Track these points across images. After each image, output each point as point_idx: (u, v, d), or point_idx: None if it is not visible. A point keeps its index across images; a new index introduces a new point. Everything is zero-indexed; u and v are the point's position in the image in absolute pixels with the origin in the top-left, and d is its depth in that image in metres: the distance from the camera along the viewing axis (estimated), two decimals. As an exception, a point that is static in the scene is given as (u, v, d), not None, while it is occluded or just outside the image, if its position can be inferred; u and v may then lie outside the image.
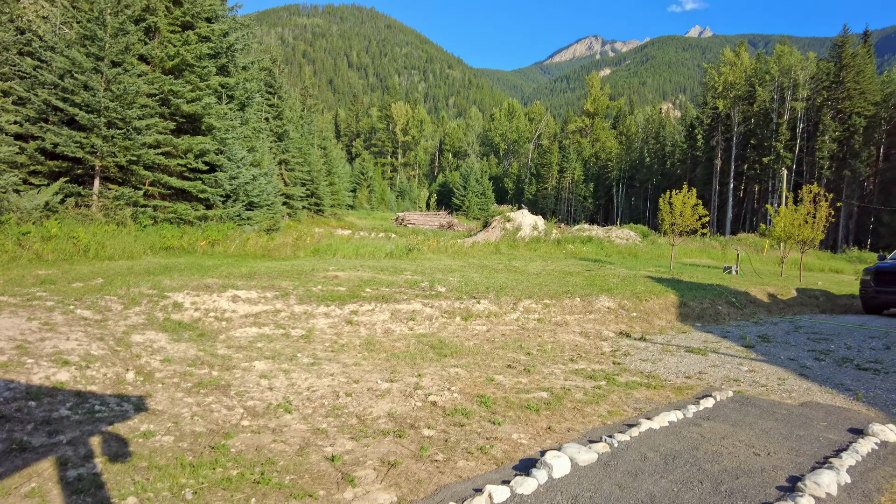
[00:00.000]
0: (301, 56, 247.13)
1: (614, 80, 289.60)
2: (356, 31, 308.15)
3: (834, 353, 7.83)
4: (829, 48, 58.51)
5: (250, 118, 20.90)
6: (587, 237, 26.46)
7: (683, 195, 17.61)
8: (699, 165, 68.69)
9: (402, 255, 15.95)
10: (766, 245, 31.61)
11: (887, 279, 12.77)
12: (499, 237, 24.82)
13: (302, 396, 4.79)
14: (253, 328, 7.07)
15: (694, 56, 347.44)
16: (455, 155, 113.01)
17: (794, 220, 17.79)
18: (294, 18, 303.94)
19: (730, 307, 11.80)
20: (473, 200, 73.81)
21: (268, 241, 15.32)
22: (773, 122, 58.87)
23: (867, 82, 54.14)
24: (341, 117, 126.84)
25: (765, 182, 60.38)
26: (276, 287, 8.40)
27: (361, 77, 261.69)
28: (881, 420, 4.85)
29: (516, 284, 10.64)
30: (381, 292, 8.81)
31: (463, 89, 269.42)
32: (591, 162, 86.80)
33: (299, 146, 35.56)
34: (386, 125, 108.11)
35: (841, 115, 54.29)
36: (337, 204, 46.19)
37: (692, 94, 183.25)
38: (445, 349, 6.73)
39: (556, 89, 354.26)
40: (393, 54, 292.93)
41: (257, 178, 18.95)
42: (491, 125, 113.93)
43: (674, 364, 6.76)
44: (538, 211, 64.37)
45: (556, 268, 14.91)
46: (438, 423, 4.34)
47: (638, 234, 30.01)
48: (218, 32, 17.89)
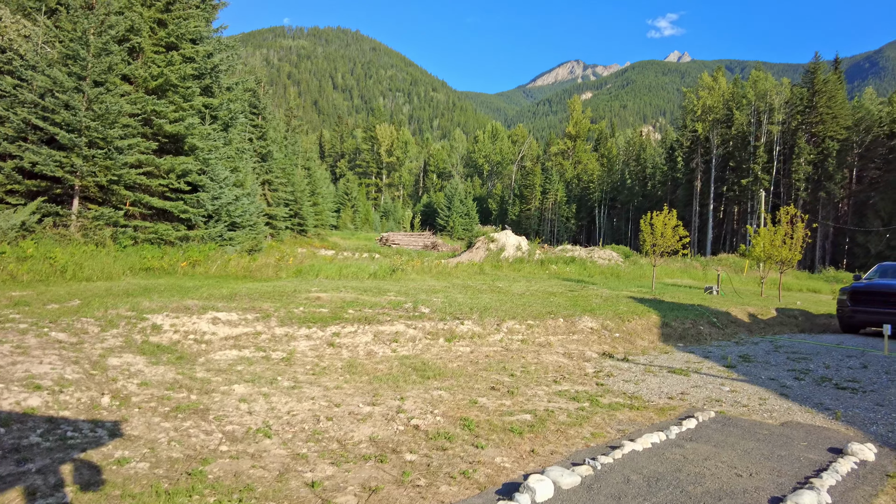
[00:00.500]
0: (286, 77, 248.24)
1: (596, 104, 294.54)
2: (341, 53, 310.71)
3: (813, 372, 7.92)
4: (801, 74, 60.30)
5: (234, 139, 20.86)
6: (570, 258, 26.64)
7: (664, 216, 17.85)
8: (679, 187, 69.87)
9: (386, 276, 15.90)
10: (746, 265, 32.06)
11: (863, 299, 13.00)
12: (483, 257, 24.88)
13: (282, 421, 4.71)
14: (233, 351, 6.96)
15: (673, 80, 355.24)
16: (439, 176, 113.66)
17: (773, 241, 18.11)
18: (279, 40, 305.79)
19: (711, 327, 11.90)
20: (458, 221, 74.10)
21: (250, 261, 15.19)
22: (750, 144, 60.24)
23: (839, 107, 55.76)
24: (326, 138, 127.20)
25: (744, 203, 61.53)
26: (257, 309, 8.31)
27: (346, 98, 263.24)
28: (860, 439, 4.89)
29: (500, 305, 10.64)
30: (364, 314, 8.76)
31: (447, 111, 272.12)
32: (574, 183, 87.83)
33: (283, 166, 35.52)
34: (370, 146, 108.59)
35: (815, 139, 55.74)
36: (320, 224, 46.06)
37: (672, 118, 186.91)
38: (428, 371, 6.68)
39: (539, 112, 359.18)
40: (378, 76, 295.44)
41: (240, 198, 18.86)
42: (475, 147, 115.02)
43: (656, 385, 6.78)
44: (522, 231, 64.83)
45: (540, 288, 14.96)
46: (421, 448, 4.29)
47: (620, 254, 30.30)
48: (202, 53, 17.92)
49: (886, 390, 6.92)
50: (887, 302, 12.59)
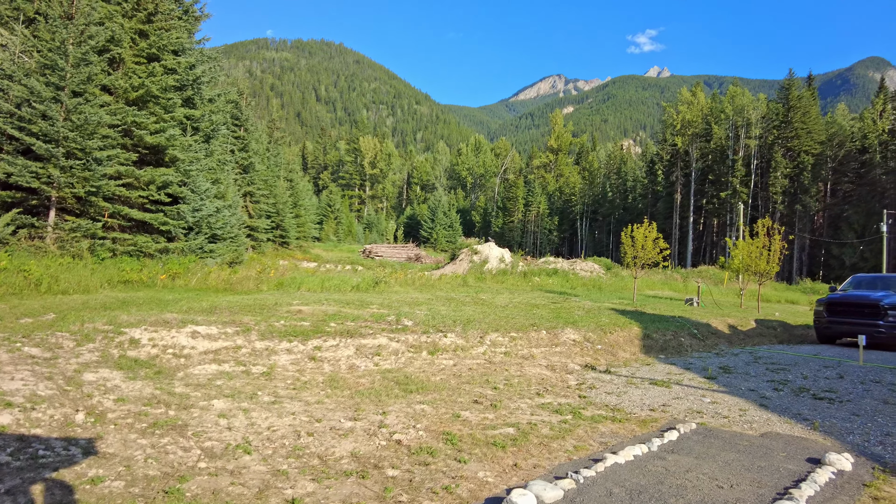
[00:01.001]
0: (269, 89, 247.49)
1: (577, 118, 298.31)
2: (325, 65, 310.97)
3: (791, 383, 8.02)
4: (777, 90, 61.75)
5: (215, 150, 20.72)
6: (553, 269, 26.78)
7: (645, 229, 18.07)
8: (660, 200, 70.78)
9: (369, 288, 15.83)
10: (726, 277, 32.50)
11: (839, 310, 13.25)
12: (466, 269, 24.90)
13: (262, 436, 4.64)
14: (212, 365, 6.86)
15: (653, 95, 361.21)
16: (423, 188, 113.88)
17: (751, 253, 18.40)
18: (262, 52, 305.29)
19: (692, 339, 12.02)
20: (441, 233, 74.19)
21: (230, 274, 15.03)
22: (729, 158, 61.34)
23: (813, 123, 57.13)
24: (309, 150, 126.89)
25: (723, 216, 62.52)
26: (237, 322, 8.21)
27: (330, 111, 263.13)
28: (837, 449, 4.96)
29: (483, 317, 10.64)
30: (347, 327, 8.69)
31: (430, 124, 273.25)
32: (556, 196, 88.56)
33: (265, 178, 35.33)
34: (354, 158, 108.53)
35: (791, 153, 56.98)
36: (303, 236, 45.80)
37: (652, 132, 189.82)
38: (411, 385, 6.64)
39: (522, 126, 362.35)
40: (361, 89, 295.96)
41: (221, 210, 18.69)
42: (458, 159, 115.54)
43: (638, 397, 6.81)
44: (505, 243, 65.08)
45: (523, 300, 15.00)
46: (403, 463, 4.25)
47: (602, 266, 30.54)
48: (185, 65, 17.82)
49: (862, 400, 7.04)
50: (861, 313, 12.84)
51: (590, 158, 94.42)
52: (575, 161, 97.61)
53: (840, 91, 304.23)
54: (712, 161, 63.46)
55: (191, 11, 19.64)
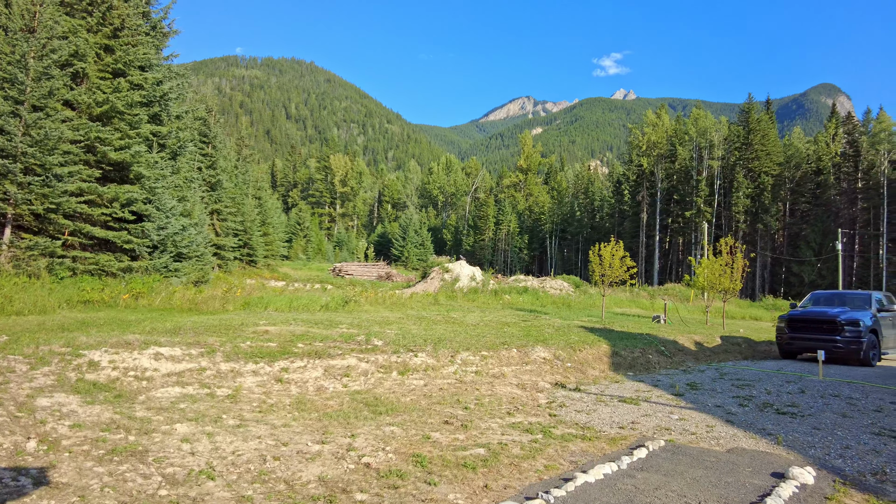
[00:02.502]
0: (238, 106, 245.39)
1: (546, 139, 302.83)
2: (295, 83, 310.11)
3: (756, 398, 8.18)
4: (738, 113, 63.99)
5: (182, 167, 20.37)
6: (523, 288, 26.94)
7: (612, 247, 18.36)
8: (626, 219, 72.14)
9: (339, 308, 15.65)
10: (692, 295, 33.17)
11: (799, 326, 13.63)
12: (437, 288, 24.87)
13: (226, 461, 4.50)
14: (176, 388, 6.66)
15: (619, 117, 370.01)
16: (394, 206, 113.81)
17: (715, 271, 18.84)
18: (232, 69, 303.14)
19: (659, 356, 12.18)
20: (412, 251, 74.06)
21: (196, 293, 14.70)
22: (693, 178, 63.02)
23: (771, 145, 59.30)
24: (278, 167, 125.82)
25: (688, 235, 64.02)
26: (202, 343, 8.00)
27: (300, 129, 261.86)
28: (800, 463, 5.06)
29: (454, 336, 10.61)
30: (315, 347, 8.56)
31: (402, 143, 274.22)
32: (526, 215, 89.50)
33: (233, 196, 34.83)
34: (324, 176, 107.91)
35: (752, 174, 58.90)
36: (271, 254, 45.14)
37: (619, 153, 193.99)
38: (381, 406, 6.55)
39: (492, 146, 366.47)
40: (332, 107, 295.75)
41: (187, 228, 18.32)
42: (429, 178, 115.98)
43: (608, 414, 6.85)
44: (476, 262, 65.33)
45: (494, 318, 15.02)
46: (372, 487, 4.17)
47: (571, 284, 30.85)
48: (151, 81, 17.56)
49: (822, 414, 7.21)
50: (820, 329, 13.23)
51: (558, 178, 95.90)
52: (544, 181, 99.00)
53: (795, 115, 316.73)
54: (677, 181, 65.12)
55: (159, 27, 19.42)
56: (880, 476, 4.81)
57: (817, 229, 54.28)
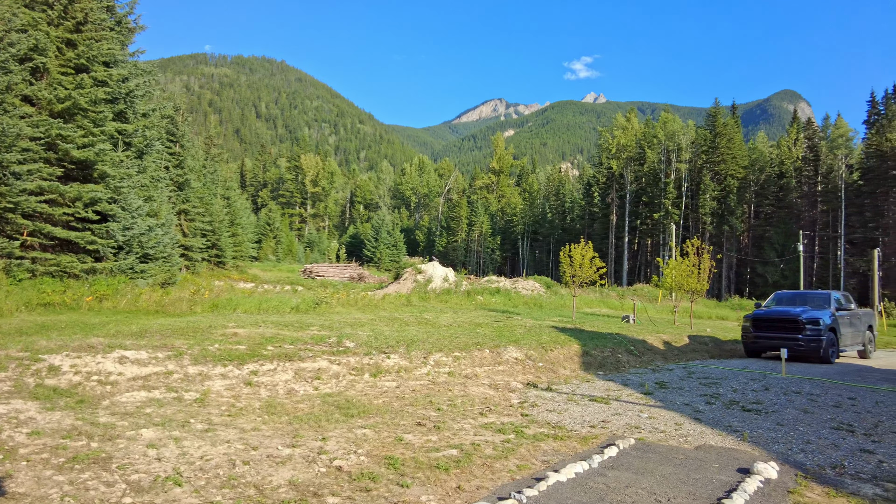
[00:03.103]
0: (207, 105, 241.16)
1: (518, 141, 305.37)
2: (266, 82, 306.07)
3: (722, 396, 8.37)
4: (704, 117, 65.49)
5: (149, 166, 19.88)
6: (496, 288, 27.06)
7: (582, 248, 18.58)
8: (596, 221, 73.17)
9: (309, 310, 15.47)
10: (660, 295, 33.81)
11: (763, 325, 14.01)
12: (410, 289, 24.80)
13: (194, 466, 4.41)
14: (141, 392, 6.50)
15: (590, 120, 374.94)
16: (366, 207, 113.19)
17: (683, 272, 19.21)
18: (201, 67, 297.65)
19: (629, 355, 12.37)
20: (385, 252, 73.72)
21: (162, 295, 14.37)
22: (661, 181, 64.25)
23: (737, 148, 60.86)
24: (248, 167, 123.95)
25: (656, 236, 65.23)
26: (168, 346, 7.83)
27: (270, 128, 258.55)
28: (764, 458, 5.19)
29: (427, 337, 10.59)
30: (285, 350, 8.45)
31: (374, 144, 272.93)
32: (498, 216, 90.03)
33: (201, 196, 34.17)
34: (295, 176, 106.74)
35: (718, 177, 60.34)
36: (240, 255, 44.41)
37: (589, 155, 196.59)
38: (353, 409, 6.50)
39: (464, 147, 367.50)
40: (303, 107, 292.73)
41: (153, 228, 17.89)
42: (402, 179, 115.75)
43: (579, 414, 6.92)
44: (449, 263, 65.35)
45: (467, 319, 15.05)
46: (343, 490, 4.13)
47: (542, 285, 31.11)
48: (116, 77, 17.10)
49: (785, 410, 7.42)
50: (783, 328, 13.63)
51: (530, 180, 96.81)
52: (516, 182, 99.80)
53: (759, 120, 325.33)
54: (646, 184, 66.31)
55: (124, 23, 18.91)
56: (839, 469, 4.97)
57: (780, 231, 55.90)
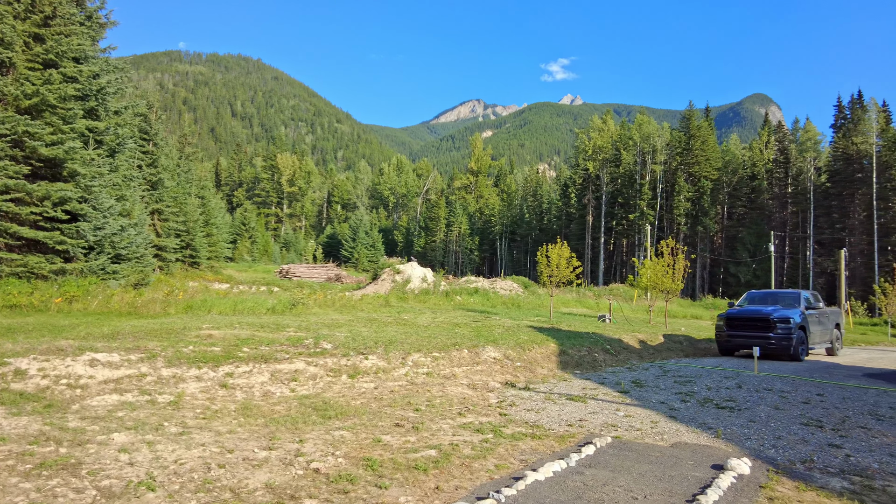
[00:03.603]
0: (181, 103, 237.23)
1: (496, 142, 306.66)
2: (241, 80, 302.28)
3: (697, 394, 8.51)
4: (679, 120, 66.59)
5: (121, 165, 19.47)
6: (474, 289, 27.12)
7: (559, 249, 18.72)
8: (573, 221, 73.83)
9: (286, 311, 15.31)
10: (636, 295, 34.23)
11: (736, 324, 14.28)
12: (388, 289, 24.72)
13: (168, 471, 4.33)
14: (113, 395, 6.35)
15: (567, 121, 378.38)
16: (344, 207, 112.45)
17: (658, 272, 19.48)
18: (175, 65, 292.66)
19: (605, 354, 12.50)
20: (363, 252, 73.33)
21: (135, 296, 14.08)
22: (636, 182, 65.10)
23: (710, 151, 62.00)
24: (223, 166, 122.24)
25: (632, 237, 66.09)
26: (142, 348, 7.67)
27: (246, 127, 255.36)
28: (737, 454, 5.29)
29: (406, 338, 10.56)
30: (261, 351, 8.35)
31: (352, 143, 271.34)
32: (476, 217, 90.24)
33: (175, 195, 33.60)
34: (271, 175, 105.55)
35: (692, 178, 61.38)
36: (214, 256, 43.76)
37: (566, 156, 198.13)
38: (330, 410, 6.45)
39: (443, 148, 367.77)
40: (280, 105, 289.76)
41: (126, 228, 17.53)
42: (380, 179, 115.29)
43: (556, 412, 6.97)
44: (427, 263, 65.34)
45: (445, 319, 15.05)
46: (321, 492, 4.09)
47: (520, 285, 31.27)
48: (87, 73, 16.70)
49: (757, 407, 7.58)
50: (755, 326, 13.91)
51: (508, 181, 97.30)
52: (494, 183, 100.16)
53: (732, 123, 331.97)
54: (621, 185, 67.13)
55: (95, 17, 18.48)
56: (808, 464, 5.09)
57: (752, 232, 57.07)
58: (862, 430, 6.52)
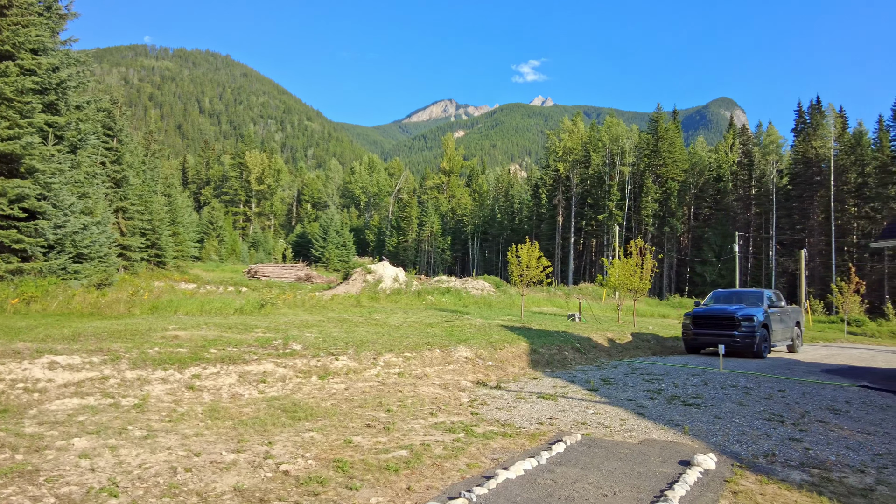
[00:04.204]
0: (147, 99, 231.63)
1: (468, 142, 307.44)
2: (210, 77, 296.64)
3: (664, 391, 8.67)
4: (647, 122, 67.79)
5: (83, 162, 18.89)
6: (446, 288, 27.14)
7: (529, 248, 18.89)
8: (544, 221, 74.54)
9: (254, 311, 15.08)
10: (604, 294, 34.72)
11: (702, 323, 14.59)
12: (360, 289, 24.55)
13: (132, 476, 4.21)
14: (74, 399, 6.16)
15: (538, 123, 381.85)
16: (314, 206, 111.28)
17: (626, 271, 19.81)
18: (140, 59, 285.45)
19: (575, 352, 12.64)
20: (334, 252, 72.71)
21: (98, 297, 13.68)
22: (606, 183, 66.06)
23: (678, 153, 63.31)
24: (190, 164, 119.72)
25: (601, 237, 67.04)
26: (105, 350, 7.46)
27: (214, 124, 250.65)
28: (703, 450, 5.41)
29: (377, 338, 10.50)
30: (229, 352, 8.20)
31: (322, 141, 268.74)
32: (449, 217, 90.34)
33: (140, 193, 32.79)
34: (239, 173, 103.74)
35: (660, 180, 62.59)
36: (181, 255, 42.85)
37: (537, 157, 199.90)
38: (300, 412, 6.37)
39: (415, 147, 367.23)
40: (249, 102, 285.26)
41: (88, 227, 17.02)
42: (351, 178, 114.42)
43: (527, 411, 7.02)
44: (399, 263, 65.10)
45: (417, 319, 15.02)
46: (291, 495, 4.04)
47: (492, 284, 31.40)
48: (46, 66, 16.16)
49: (722, 404, 7.75)
50: (720, 325, 14.24)
51: (480, 181, 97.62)
52: (466, 183, 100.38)
53: (699, 126, 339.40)
54: (591, 186, 68.04)
55: (54, 8, 17.88)
56: (770, 458, 5.24)
57: (718, 232, 58.45)
58: (820, 424, 6.73)
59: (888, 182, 49.08)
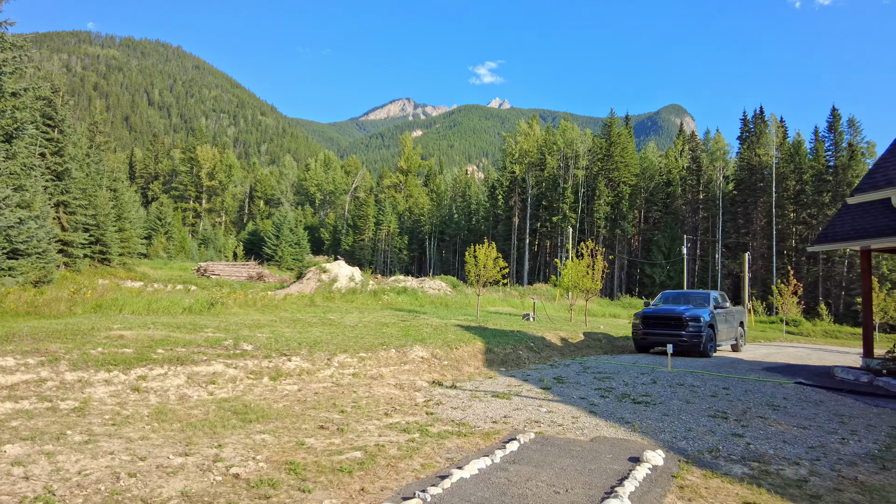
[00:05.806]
0: (92, 88, 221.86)
1: (426, 142, 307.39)
2: (160, 68, 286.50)
3: (615, 390, 8.87)
4: (601, 127, 69.28)
5: (20, 152, 17.95)
6: (402, 288, 27.04)
7: (486, 249, 19.06)
8: (500, 223, 75.25)
9: (204, 310, 14.65)
10: (558, 294, 35.30)
11: (651, 323, 15.01)
12: (314, 289, 24.18)
13: (70, 483, 4.02)
14: (7, 403, 5.84)
15: (495, 125, 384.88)
16: (267, 203, 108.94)
17: (578, 272, 20.20)
18: (84, 46, 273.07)
19: (529, 352, 12.81)
20: (287, 250, 71.40)
21: (36, 295, 13.01)
22: (560, 186, 67.19)
23: (630, 157, 65.02)
24: (138, 157, 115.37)
25: (555, 238, 68.17)
26: (42, 351, 7.10)
27: (164, 116, 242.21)
28: (652, 447, 5.56)
29: (331, 338, 10.37)
30: (177, 353, 7.93)
31: (276, 137, 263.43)
32: (406, 216, 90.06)
33: (83, 187, 31.38)
34: (190, 168, 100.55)
35: (612, 183, 64.10)
36: (127, 252, 41.26)
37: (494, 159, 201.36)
38: (251, 414, 6.22)
39: (372, 145, 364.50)
40: (201, 96, 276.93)
41: (25, 221, 16.19)
42: (306, 175, 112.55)
43: (482, 410, 7.06)
44: (355, 262, 64.58)
45: (373, 319, 14.91)
46: (241, 498, 3.93)
47: (449, 284, 31.49)
48: (-21, 51, 15.30)
49: (670, 402, 8.00)
50: (669, 325, 14.68)
51: (437, 181, 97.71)
52: (424, 183, 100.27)
53: (650, 131, 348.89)
54: (546, 188, 69.11)
55: (-10, -9, 16.95)
56: (714, 453, 5.44)
57: (667, 235, 60.29)
58: (760, 419, 7.03)
59: (823, 189, 51.80)
